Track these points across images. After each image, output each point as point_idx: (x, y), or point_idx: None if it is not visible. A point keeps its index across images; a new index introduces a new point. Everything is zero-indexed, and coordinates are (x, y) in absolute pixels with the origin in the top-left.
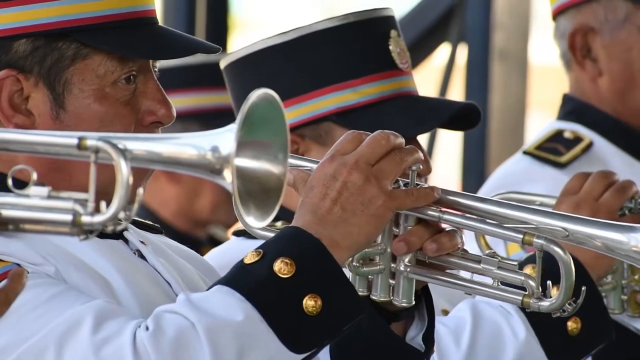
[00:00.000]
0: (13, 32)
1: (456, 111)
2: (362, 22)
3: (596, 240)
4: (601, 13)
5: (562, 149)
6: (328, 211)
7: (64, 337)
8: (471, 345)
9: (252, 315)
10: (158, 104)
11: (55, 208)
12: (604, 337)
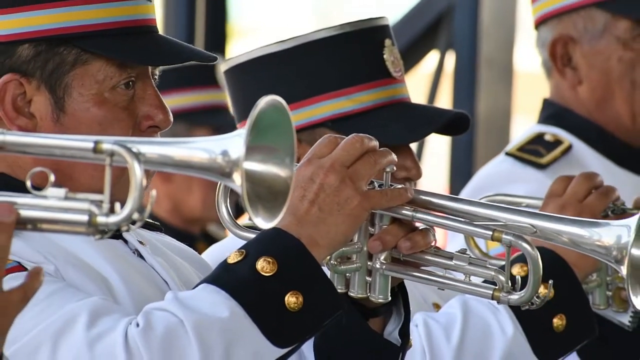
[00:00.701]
0: (16, 37)
1: (448, 120)
2: (358, 31)
3: (563, 236)
4: (581, 23)
5: (543, 150)
6: (306, 212)
7: (59, 333)
8: (461, 340)
9: (237, 312)
10: (156, 110)
11: (71, 209)
12: (588, 333)
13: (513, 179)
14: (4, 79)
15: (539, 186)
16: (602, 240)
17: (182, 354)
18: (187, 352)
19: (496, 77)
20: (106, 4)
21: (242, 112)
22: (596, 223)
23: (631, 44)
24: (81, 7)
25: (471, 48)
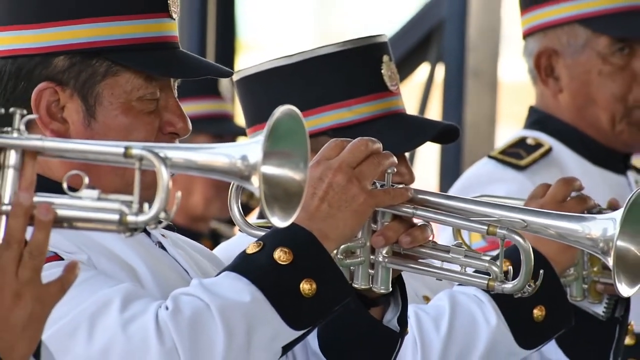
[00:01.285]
0: (53, 49)
1: (440, 131)
2: (358, 48)
3: (550, 230)
4: (564, 38)
5: (523, 153)
6: (317, 208)
7: (94, 316)
8: (449, 330)
9: (257, 297)
10: (177, 118)
11: (104, 209)
12: (565, 323)
13: (494, 180)
14: (40, 86)
15: (518, 186)
16: (589, 233)
17: (208, 335)
18: (212, 333)
19: (482, 88)
20: (135, 21)
21: (252, 118)
22: (583, 217)
23: (610, 59)
24: (112, 23)
25: (459, 61)
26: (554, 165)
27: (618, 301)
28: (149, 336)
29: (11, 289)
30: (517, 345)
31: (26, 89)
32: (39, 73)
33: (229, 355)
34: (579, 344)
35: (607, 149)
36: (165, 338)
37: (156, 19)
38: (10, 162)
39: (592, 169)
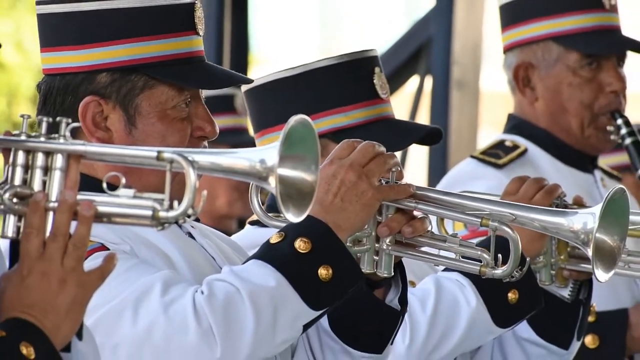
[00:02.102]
0: (96, 68)
1: (426, 133)
2: (353, 61)
3: (535, 222)
4: (539, 53)
5: (502, 154)
6: (331, 202)
7: (138, 300)
8: (434, 310)
9: (282, 282)
10: (206, 123)
11: (138, 205)
12: (536, 305)
13: (476, 177)
14: (86, 100)
15: (497, 182)
16: (572, 226)
17: (239, 316)
18: (243, 315)
19: (465, 97)
20: (166, 40)
21: (259, 124)
22: (565, 212)
23: (579, 72)
24: (147, 43)
25: (445, 73)
26: (529, 165)
27: (582, 285)
28: (187, 318)
29: (57, 276)
30: (494, 324)
31: (73, 102)
32: (84, 88)
33: (258, 334)
34: (547, 323)
35: (576, 150)
36: (202, 319)
37: (185, 36)
38: (57, 164)
39: (563, 168)
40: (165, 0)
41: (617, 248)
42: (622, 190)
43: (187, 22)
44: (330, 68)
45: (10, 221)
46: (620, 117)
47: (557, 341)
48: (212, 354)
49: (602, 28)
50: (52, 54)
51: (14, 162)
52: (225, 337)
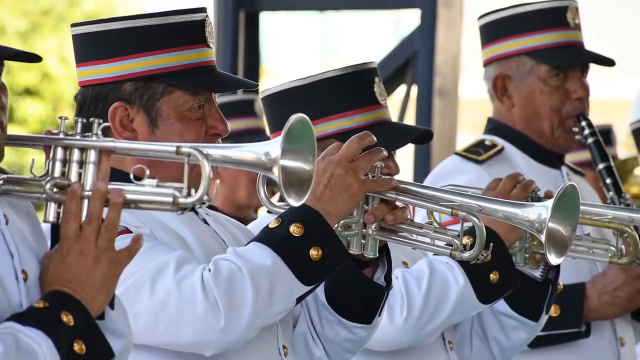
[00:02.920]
0: (122, 78)
1: (420, 134)
2: (355, 72)
3: (499, 213)
4: (514, 66)
5: (482, 151)
6: (322, 193)
7: (155, 275)
8: (428, 288)
9: (277, 261)
10: (218, 122)
11: (161, 193)
12: (513, 284)
13: (459, 171)
14: (114, 106)
15: (477, 176)
16: (527, 216)
17: (240, 290)
18: (243, 289)
19: (446, 104)
20: (181, 52)
21: (274, 126)
22: (524, 204)
23: (548, 81)
24: (164, 55)
25: (429, 83)
26: (505, 161)
27: (551, 267)
28: (196, 292)
29: (92, 255)
30: (478, 301)
31: (103, 108)
32: (112, 96)
33: (256, 305)
34: (521, 299)
35: (546, 149)
36: (208, 293)
37: (197, 48)
38: (90, 159)
39: (535, 165)
40: (179, 18)
41: (569, 236)
42: (573, 186)
43: (199, 36)
44: (336, 78)
45: (51, 208)
46: (584, 120)
47: (528, 314)
48: (217, 323)
49: (568, 44)
50: (85, 69)
51: (54, 157)
52: (228, 308)
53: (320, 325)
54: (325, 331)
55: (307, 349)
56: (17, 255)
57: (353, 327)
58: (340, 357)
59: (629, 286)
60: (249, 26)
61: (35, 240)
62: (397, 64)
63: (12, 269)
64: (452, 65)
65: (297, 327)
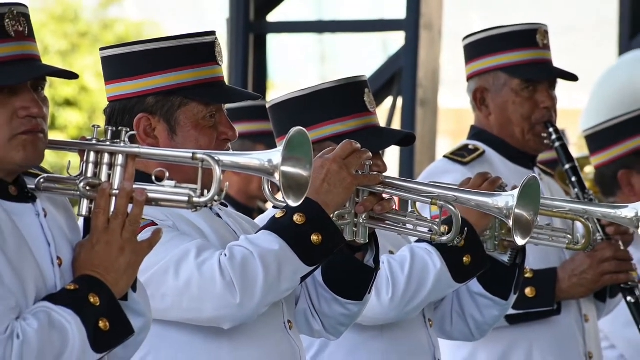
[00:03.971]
0: (145, 93)
1: (403, 136)
2: (348, 84)
3: (472, 202)
4: (491, 80)
5: (466, 154)
6: (320, 186)
7: (179, 261)
8: (410, 271)
9: (283, 246)
10: (228, 129)
11: (178, 193)
12: (483, 267)
13: (447, 171)
14: (138, 117)
15: (461, 176)
16: (497, 204)
17: (253, 272)
18: (255, 270)
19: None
20: (195, 69)
21: (279, 131)
22: (493, 194)
23: (520, 93)
24: (180, 72)
25: (412, 95)
26: (486, 163)
27: (518, 253)
28: (215, 274)
29: (117, 245)
30: (453, 281)
31: (129, 119)
32: (137, 109)
33: (267, 284)
34: (492, 281)
35: (520, 152)
36: (225, 275)
37: (208, 66)
38: (118, 162)
39: (511, 165)
40: (192, 40)
41: (532, 220)
42: (534, 177)
43: (210, 56)
44: (331, 89)
45: (84, 204)
46: (551, 127)
47: (499, 294)
48: (234, 300)
49: (537, 61)
50: (113, 86)
51: (87, 160)
52: (242, 287)
53: (318, 302)
54: (323, 308)
55: (307, 323)
56: (53, 244)
57: (346, 303)
58: (335, 330)
59: (594, 270)
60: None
61: (70, 231)
62: (385, 78)
63: (49, 256)
64: (432, 79)
65: (299, 305)
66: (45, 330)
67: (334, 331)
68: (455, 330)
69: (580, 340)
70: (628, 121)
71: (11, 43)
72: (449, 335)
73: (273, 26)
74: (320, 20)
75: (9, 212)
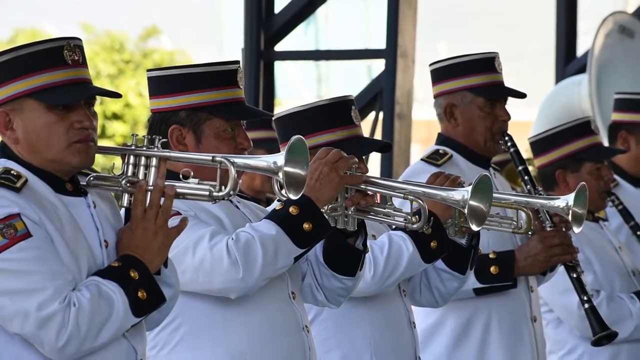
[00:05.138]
0: (178, 108)
1: (382, 145)
2: (338, 102)
3: (437, 197)
4: (459, 98)
5: (439, 158)
6: (313, 185)
7: (196, 243)
8: (388, 254)
9: (280, 231)
10: (245, 140)
11: (201, 189)
12: (446, 249)
13: (424, 172)
14: (172, 127)
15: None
16: (456, 197)
17: (254, 252)
18: (256, 251)
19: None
20: (219, 91)
21: (282, 139)
22: (453, 189)
23: (483, 109)
24: (207, 92)
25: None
26: (454, 164)
27: (473, 236)
28: (223, 254)
29: (152, 230)
30: (422, 261)
31: (165, 129)
32: (171, 121)
33: (265, 263)
34: (453, 259)
35: (480, 155)
36: (231, 254)
37: (231, 89)
38: (152, 163)
39: (472, 166)
40: (219, 67)
41: (486, 210)
42: (487, 176)
43: (233, 80)
44: (325, 105)
45: (125, 197)
46: (507, 135)
47: (458, 270)
48: (237, 275)
49: (495, 83)
50: (154, 100)
51: (127, 162)
52: (245, 265)
53: (320, 278)
54: (324, 282)
55: (313, 295)
56: (101, 230)
57: (342, 278)
58: (336, 300)
59: (546, 252)
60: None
61: (114, 219)
62: (368, 97)
63: (98, 239)
64: (407, 97)
65: (305, 280)
66: (96, 299)
67: (334, 301)
68: (423, 299)
69: (528, 306)
70: (563, 131)
71: (68, 69)
72: (418, 303)
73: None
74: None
75: (66, 205)
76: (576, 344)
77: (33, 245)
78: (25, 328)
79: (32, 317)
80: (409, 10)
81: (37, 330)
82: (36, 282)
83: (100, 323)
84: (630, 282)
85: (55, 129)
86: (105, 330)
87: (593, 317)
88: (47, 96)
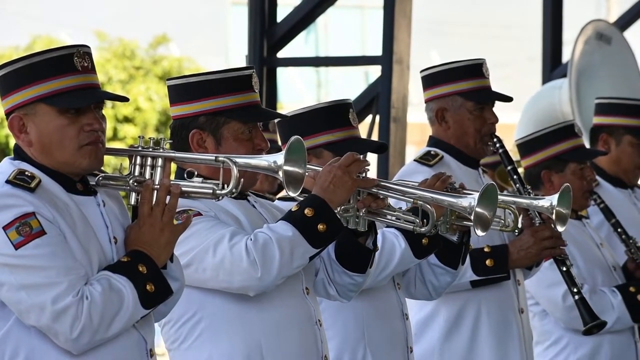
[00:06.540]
0: (198, 114)
1: (378, 145)
2: (337, 105)
3: (445, 202)
4: (450, 102)
5: (430, 158)
6: (327, 187)
7: (216, 242)
8: (381, 250)
9: (296, 232)
10: (262, 142)
11: (205, 187)
12: (438, 245)
13: (417, 172)
14: (192, 132)
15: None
16: (463, 204)
17: (271, 252)
18: (273, 251)
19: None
20: (236, 95)
21: (284, 140)
22: (460, 196)
23: (473, 112)
24: (225, 97)
25: (387, 113)
26: (445, 165)
27: (464, 234)
28: (242, 253)
29: (158, 227)
30: (414, 257)
31: (186, 134)
32: (192, 126)
33: (282, 262)
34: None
35: (469, 156)
36: (250, 254)
37: (247, 93)
38: (158, 163)
39: (462, 167)
40: (235, 73)
41: (491, 218)
42: (493, 184)
43: (248, 85)
44: (324, 108)
45: (133, 196)
46: (495, 137)
47: (451, 265)
48: (256, 274)
49: (484, 88)
50: (175, 107)
51: (135, 162)
52: (263, 264)
53: (332, 274)
54: (336, 278)
55: (325, 290)
56: (110, 227)
57: (353, 275)
58: (346, 295)
59: (537, 246)
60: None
61: (122, 217)
62: (366, 101)
63: (107, 236)
64: (402, 102)
65: (318, 275)
66: (107, 292)
67: (345, 296)
68: (418, 292)
69: (515, 299)
70: (548, 133)
71: (79, 75)
72: (413, 296)
73: (282, 61)
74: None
75: (77, 203)
76: (561, 335)
77: (48, 242)
78: (41, 320)
79: (48, 310)
80: (403, 19)
81: (52, 322)
82: (51, 277)
83: (112, 315)
84: (612, 276)
85: (66, 131)
86: (116, 322)
87: (583, 307)
88: (58, 101)
